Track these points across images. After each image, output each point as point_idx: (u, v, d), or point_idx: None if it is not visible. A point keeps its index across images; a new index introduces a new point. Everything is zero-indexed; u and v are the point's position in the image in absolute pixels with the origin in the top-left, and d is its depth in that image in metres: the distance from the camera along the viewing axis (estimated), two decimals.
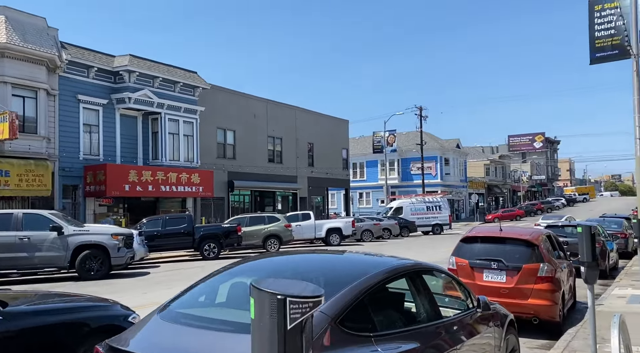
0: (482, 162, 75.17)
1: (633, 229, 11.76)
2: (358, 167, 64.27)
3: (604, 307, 8.80)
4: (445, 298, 4.98)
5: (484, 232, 8.57)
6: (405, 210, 36.75)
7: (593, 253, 5.50)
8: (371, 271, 3.67)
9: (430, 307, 4.08)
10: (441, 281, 4.86)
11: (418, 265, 4.22)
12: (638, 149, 13.02)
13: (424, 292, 4.09)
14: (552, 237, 9.01)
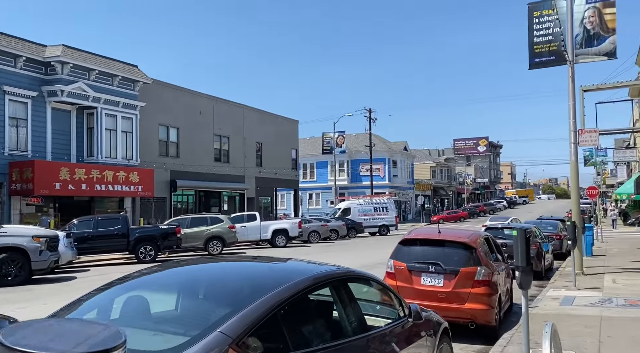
0: (429, 165, 76.98)
1: (567, 231, 12.04)
2: (308, 168, 64.08)
3: (539, 309, 8.85)
4: (375, 307, 4.65)
5: (423, 234, 8.38)
6: (353, 211, 36.79)
7: (527, 258, 5.34)
8: (288, 281, 3.25)
9: (357, 318, 3.73)
10: (370, 289, 4.53)
11: (343, 273, 3.85)
12: (573, 154, 13.40)
13: (350, 302, 3.73)
14: (490, 240, 8.97)
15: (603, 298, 9.77)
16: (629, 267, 14.66)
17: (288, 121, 41.97)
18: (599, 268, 14.36)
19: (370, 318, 4.45)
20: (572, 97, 13.28)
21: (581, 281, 12.01)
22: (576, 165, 13.34)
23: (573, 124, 13.27)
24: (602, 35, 12.50)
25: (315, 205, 63.27)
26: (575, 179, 13.49)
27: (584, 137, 13.34)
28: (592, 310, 8.57)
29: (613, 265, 15.22)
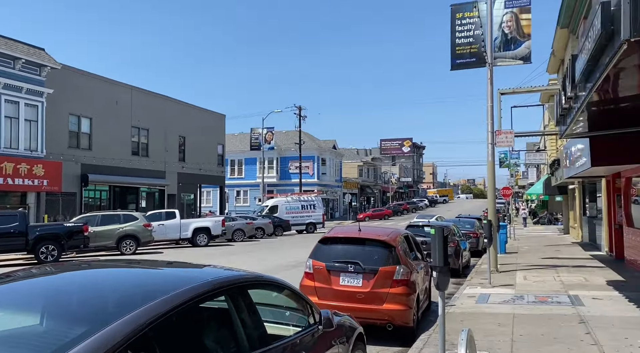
0: (356, 164, 78.25)
1: (484, 229, 12.32)
2: (236, 164, 62.66)
3: (456, 308, 8.86)
4: (283, 314, 4.19)
5: (343, 232, 8.06)
6: (281, 208, 36.27)
7: (445, 257, 5.13)
8: (167, 292, 2.68)
9: (258, 330, 3.23)
10: (278, 295, 4.05)
11: (242, 279, 3.33)
12: (490, 154, 13.80)
13: (251, 312, 3.23)
14: (410, 238, 8.85)
15: (515, 295, 10.02)
16: (538, 264, 15.40)
17: (214, 115, 40.57)
18: (511, 266, 14.95)
19: (277, 327, 3.99)
20: (491, 99, 13.65)
21: (496, 278, 12.35)
22: (493, 165, 13.75)
23: (491, 125, 13.65)
24: (518, 40, 12.96)
25: (243, 202, 62.00)
26: (492, 179, 13.91)
27: (500, 138, 13.77)
28: (505, 307, 8.70)
29: (524, 262, 15.94)
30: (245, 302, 3.21)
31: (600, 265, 14.63)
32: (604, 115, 9.68)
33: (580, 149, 12.76)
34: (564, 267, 14.33)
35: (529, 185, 57.55)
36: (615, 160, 11.15)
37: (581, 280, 11.72)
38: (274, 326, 4.01)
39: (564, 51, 20.79)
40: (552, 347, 6.08)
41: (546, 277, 12.44)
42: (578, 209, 25.38)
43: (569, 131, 10.44)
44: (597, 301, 9.03)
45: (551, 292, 10.21)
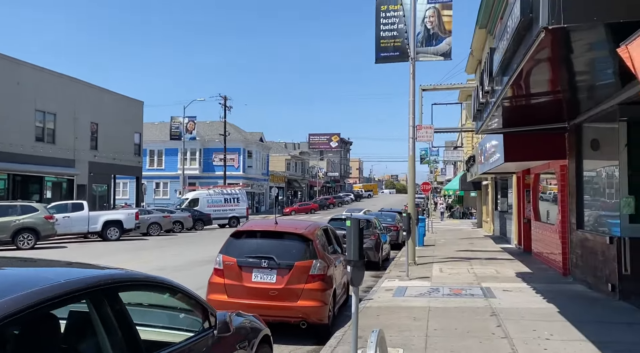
0: (284, 157, 77.79)
1: (403, 222, 12.37)
2: (156, 155, 59.82)
3: (373, 302, 8.70)
4: (171, 319, 3.64)
5: (258, 225, 7.57)
6: (202, 202, 34.94)
7: (360, 251, 4.82)
8: None
9: (131, 338, 2.67)
10: (166, 297, 3.50)
11: (111, 279, 2.75)
12: (411, 148, 13.91)
13: (121, 318, 2.65)
14: (330, 231, 8.54)
15: (431, 287, 10.08)
16: (453, 256, 15.86)
17: (131, 102, 38.18)
18: (429, 258, 15.25)
19: (165, 333, 3.44)
20: (412, 94, 13.75)
21: (413, 271, 12.46)
22: (413, 159, 13.88)
23: (412, 119, 13.75)
24: (440, 36, 13.14)
25: (163, 195, 59.36)
26: (412, 172, 14.05)
27: (421, 133, 13.93)
28: (421, 300, 8.68)
29: (441, 254, 16.36)
30: (114, 306, 2.64)
31: (510, 257, 15.33)
32: (517, 112, 9.96)
33: (495, 145, 13.19)
34: (477, 259, 14.84)
35: (446, 181, 60.33)
36: (526, 156, 11.60)
37: (493, 272, 12.12)
38: (160, 332, 3.47)
39: (482, 51, 21.63)
40: (465, 341, 6.02)
41: (461, 269, 12.75)
42: (490, 204, 26.75)
43: (484, 127, 10.66)
44: (508, 293, 9.28)
45: (465, 284, 10.40)
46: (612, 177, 9.09)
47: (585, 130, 10.31)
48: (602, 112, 9.02)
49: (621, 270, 8.05)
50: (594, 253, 9.23)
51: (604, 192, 9.67)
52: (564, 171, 11.71)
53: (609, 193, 9.35)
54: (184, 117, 43.08)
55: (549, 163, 12.80)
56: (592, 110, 9.38)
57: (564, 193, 11.64)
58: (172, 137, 44.97)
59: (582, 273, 10.03)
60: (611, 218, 9.09)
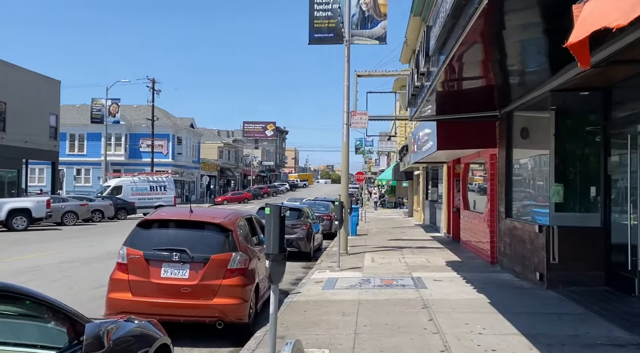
0: (216, 145, 75.49)
1: (335, 211, 11.90)
2: (77, 139, 55.82)
3: (301, 296, 8.12)
4: (27, 335, 2.80)
5: (170, 214, 6.72)
6: (125, 189, 32.82)
7: (281, 244, 4.19)
8: None
9: None
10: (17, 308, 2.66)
11: None
12: (345, 135, 13.44)
13: None
14: (254, 221, 7.82)
15: (363, 278, 9.68)
16: (385, 245, 15.69)
17: (46, 80, 34.95)
18: (361, 248, 14.96)
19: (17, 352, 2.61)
20: (347, 78, 13.25)
21: (345, 261, 12.05)
22: (347, 147, 13.43)
23: (346, 105, 13.27)
24: (375, 19, 12.72)
25: (85, 182, 55.60)
26: (346, 160, 13.60)
27: (355, 119, 13.50)
28: (351, 293, 8.22)
29: (373, 244, 16.15)
30: None
31: (440, 246, 15.39)
32: (451, 98, 9.72)
33: (428, 133, 13.03)
34: (408, 248, 14.75)
35: (380, 171, 61.32)
36: (458, 144, 11.49)
37: (424, 262, 11.98)
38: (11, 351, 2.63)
39: (416, 41, 21.62)
40: (396, 338, 5.58)
41: (392, 258, 12.52)
42: (421, 194, 27.17)
43: (418, 113, 10.37)
44: (438, 283, 9.05)
45: (396, 275, 10.10)
46: (541, 166, 9.09)
47: (515, 118, 10.29)
48: (532, 100, 8.96)
49: (549, 259, 8.02)
50: (522, 242, 9.22)
51: (532, 181, 9.70)
52: (493, 160, 11.72)
53: (538, 183, 9.36)
54: (107, 99, 40.12)
55: (479, 152, 12.83)
56: (523, 98, 9.31)
57: (494, 182, 11.66)
58: (93, 120, 41.87)
59: (510, 262, 10.05)
60: (539, 208, 9.10)
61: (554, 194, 8.13)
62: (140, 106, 57.86)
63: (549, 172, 8.31)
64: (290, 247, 13.08)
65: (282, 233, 4.22)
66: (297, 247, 13.10)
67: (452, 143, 11.35)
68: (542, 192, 9.03)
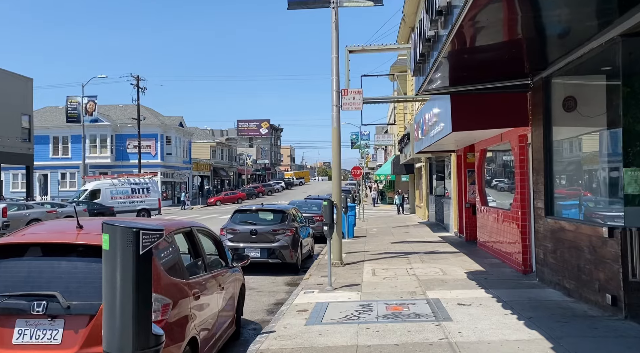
0: (209, 144, 72.95)
1: (324, 213, 9.47)
2: (60, 142, 53.30)
3: (274, 340, 5.63)
4: None
5: (40, 234, 4.19)
6: (104, 193, 30.27)
7: None
8: None
9: None
10: None
11: None
12: (335, 119, 10.98)
13: None
14: (197, 235, 5.25)
15: (362, 303, 7.24)
16: (388, 250, 13.25)
17: (17, 78, 32.39)
18: (359, 255, 12.52)
19: None
20: (336, 49, 10.79)
21: (339, 275, 9.62)
22: (338, 133, 10.96)
23: (336, 82, 10.81)
24: None
25: (70, 186, 53.01)
26: (337, 149, 11.11)
27: (347, 99, 11.03)
28: (346, 332, 5.76)
29: (373, 249, 13.71)
30: None
31: (453, 249, 12.96)
32: (468, 64, 7.29)
33: (437, 113, 10.58)
34: (416, 253, 12.32)
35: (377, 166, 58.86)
36: (480, 123, 9.03)
37: (438, 273, 9.55)
38: None
39: (415, 17, 19.15)
40: None
41: (398, 269, 10.09)
42: (425, 188, 24.72)
43: (426, 86, 7.93)
44: (466, 310, 6.62)
45: (406, 295, 7.68)
46: (601, 146, 6.65)
47: (555, 86, 7.85)
48: (585, 56, 6.52)
49: (627, 275, 5.60)
50: (577, 250, 6.78)
51: (586, 167, 7.26)
52: (523, 142, 9.29)
53: (595, 169, 6.93)
54: (83, 97, 37.48)
55: (501, 134, 10.40)
56: (569, 55, 6.87)
57: (524, 171, 9.23)
58: (68, 119, 39.22)
59: (555, 274, 7.62)
60: (601, 203, 6.67)
61: (630, 182, 5.69)
62: (126, 106, 55.45)
63: (616, 153, 5.88)
64: (273, 257, 10.64)
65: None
66: (281, 258, 10.66)
67: (472, 122, 8.91)
68: (602, 180, 6.60)
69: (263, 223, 11.01)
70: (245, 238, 10.68)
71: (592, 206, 6.97)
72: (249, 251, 10.58)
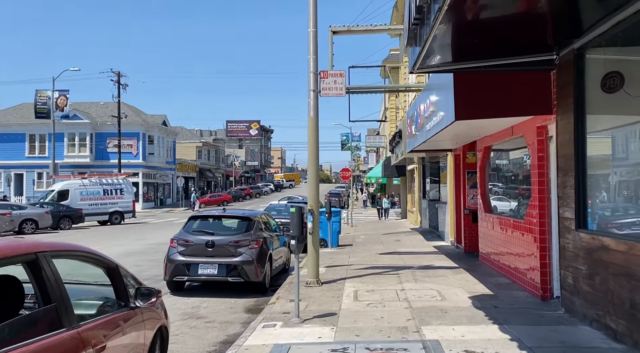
0: (195, 144, 70.72)
1: (290, 224, 7.52)
2: (37, 140, 50.92)
3: None
4: None
5: None
6: (73, 194, 28.09)
7: None
8: None
9: None
10: None
11: None
12: (312, 107, 9.06)
13: None
14: (47, 264, 3.25)
15: (334, 349, 5.32)
16: (375, 264, 11.36)
17: None
18: (340, 270, 10.62)
19: None
20: (313, 22, 8.89)
21: (313, 299, 7.71)
22: (315, 123, 9.03)
23: (313, 62, 8.91)
24: None
25: (47, 187, 50.58)
26: (315, 141, 9.16)
27: (327, 83, 9.12)
28: None
29: (358, 262, 11.81)
30: None
31: (451, 264, 11.09)
32: (474, 35, 5.46)
33: (435, 101, 8.72)
34: (408, 268, 10.44)
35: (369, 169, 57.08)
36: (490, 110, 7.16)
37: (435, 297, 7.67)
38: None
39: None
40: None
41: (386, 290, 8.20)
42: (417, 192, 22.90)
43: (423, 59, 6.06)
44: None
45: (395, 333, 5.79)
46: None
47: (590, 62, 6.01)
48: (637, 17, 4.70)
49: None
50: (631, 278, 4.93)
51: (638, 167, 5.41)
52: (542, 135, 7.46)
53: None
54: (54, 91, 35.22)
55: (511, 127, 8.57)
56: (613, 17, 5.06)
57: (543, 172, 7.40)
58: (37, 115, 36.93)
59: (592, 307, 5.76)
60: None
61: None
62: (107, 103, 53.27)
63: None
64: (233, 275, 8.68)
65: None
66: (243, 276, 8.70)
67: (482, 108, 7.04)
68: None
69: (223, 233, 9.05)
70: (199, 252, 8.73)
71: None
72: (204, 268, 8.63)
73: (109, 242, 18.34)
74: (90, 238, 20.53)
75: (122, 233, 22.18)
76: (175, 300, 8.53)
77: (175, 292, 9.11)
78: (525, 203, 8.22)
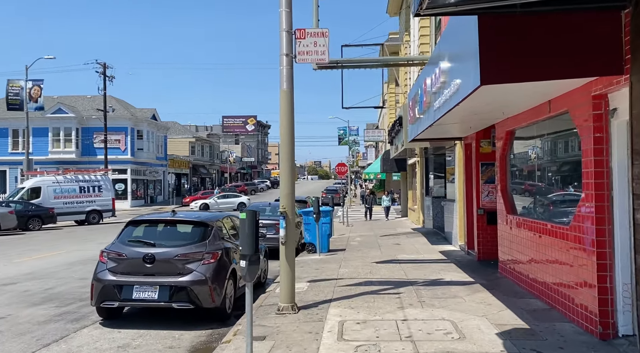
0: (187, 140, 68.55)
1: (240, 237, 5.27)
2: (20, 136, 48.76)
3: None
4: None
5: None
6: (46, 192, 25.92)
7: None
8: None
9: None
10: None
11: None
12: (285, 76, 6.88)
13: None
14: None
15: None
16: (370, 277, 9.20)
17: None
18: (327, 285, 8.46)
19: None
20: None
21: (282, 338, 5.57)
22: (289, 98, 6.84)
23: (286, 16, 6.74)
24: None
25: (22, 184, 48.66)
26: (289, 121, 6.96)
27: (305, 44, 6.92)
28: None
29: (350, 273, 9.64)
30: None
31: (465, 277, 8.94)
32: None
33: (448, 68, 6.53)
34: (411, 284, 8.30)
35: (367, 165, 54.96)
36: (534, 71, 4.95)
37: (450, 334, 5.54)
38: None
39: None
40: None
41: (382, 322, 6.07)
42: (419, 188, 20.74)
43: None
44: None
45: None
46: None
47: None
48: None
49: None
50: None
51: None
52: (600, 109, 5.31)
53: None
54: (27, 80, 32.91)
55: (549, 101, 6.42)
56: None
57: (602, 160, 5.26)
58: (9, 106, 34.61)
59: None
60: None
61: None
62: (95, 97, 51.16)
63: None
64: (180, 300, 6.50)
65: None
66: (194, 300, 6.52)
67: (517, 65, 4.84)
68: None
69: (168, 244, 6.87)
70: (136, 269, 6.58)
71: None
72: (141, 290, 6.47)
73: (67, 247, 16.19)
74: (48, 242, 18.40)
75: (92, 235, 20.05)
76: (102, 333, 6.39)
77: (108, 319, 6.97)
78: (569, 202, 6.08)
